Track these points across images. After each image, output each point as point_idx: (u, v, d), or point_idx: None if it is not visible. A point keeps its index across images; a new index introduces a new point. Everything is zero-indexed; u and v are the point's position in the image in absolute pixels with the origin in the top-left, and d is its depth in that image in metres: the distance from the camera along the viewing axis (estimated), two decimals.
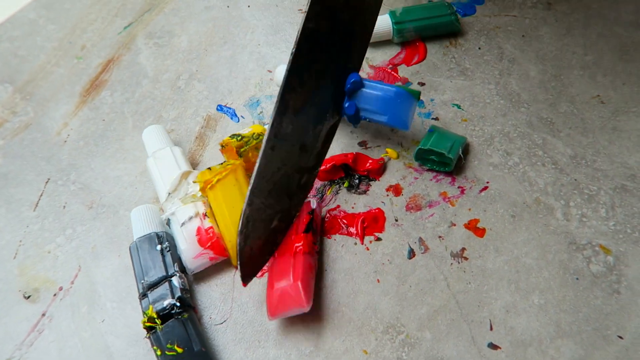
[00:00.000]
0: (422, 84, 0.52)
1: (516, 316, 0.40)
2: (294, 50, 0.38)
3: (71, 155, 0.50)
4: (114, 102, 0.52)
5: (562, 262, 0.42)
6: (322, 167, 0.46)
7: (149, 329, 0.38)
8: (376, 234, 0.44)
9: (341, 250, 0.44)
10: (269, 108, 0.51)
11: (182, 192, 0.43)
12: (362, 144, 0.49)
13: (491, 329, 0.40)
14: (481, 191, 0.46)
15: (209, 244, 0.41)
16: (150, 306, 0.38)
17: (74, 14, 0.59)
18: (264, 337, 0.40)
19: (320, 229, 0.44)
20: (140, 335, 0.40)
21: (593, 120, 0.49)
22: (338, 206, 0.46)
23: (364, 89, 0.43)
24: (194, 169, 0.45)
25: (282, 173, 0.40)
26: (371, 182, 0.47)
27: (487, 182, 0.46)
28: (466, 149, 0.48)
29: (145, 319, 0.38)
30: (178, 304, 0.38)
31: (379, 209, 0.45)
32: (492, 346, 0.39)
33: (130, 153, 0.49)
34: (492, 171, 0.47)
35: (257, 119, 0.51)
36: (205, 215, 0.42)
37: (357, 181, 0.47)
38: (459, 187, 0.46)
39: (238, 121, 0.51)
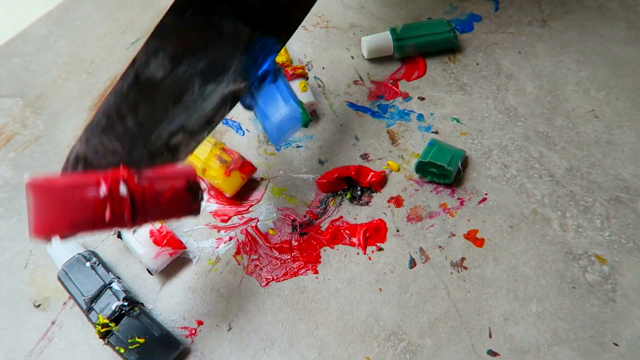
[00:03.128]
0: (422, 99, 0.54)
1: (515, 324, 0.41)
2: None
3: None
4: None
5: (559, 271, 0.43)
6: (325, 180, 0.48)
7: (105, 335, 0.40)
8: (378, 244, 0.45)
9: (344, 260, 0.45)
10: None
11: None
12: (364, 156, 0.50)
13: (490, 336, 0.41)
14: (480, 202, 0.47)
15: (164, 241, 0.43)
16: (100, 315, 0.40)
17: (84, 30, 0.61)
18: (269, 345, 0.41)
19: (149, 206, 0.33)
20: None
21: (588, 134, 0.51)
22: (341, 217, 0.47)
23: (268, 84, 0.40)
24: None
25: (141, 121, 0.35)
26: (373, 194, 0.48)
27: (486, 194, 0.47)
28: (465, 161, 0.49)
29: (99, 327, 0.39)
30: (126, 303, 0.40)
31: (380, 219, 0.47)
32: (492, 353, 0.40)
33: None
34: (490, 183, 0.48)
35: (261, 132, 0.52)
36: None
37: (359, 193, 0.48)
38: (458, 199, 0.47)
39: (243, 134, 0.52)
